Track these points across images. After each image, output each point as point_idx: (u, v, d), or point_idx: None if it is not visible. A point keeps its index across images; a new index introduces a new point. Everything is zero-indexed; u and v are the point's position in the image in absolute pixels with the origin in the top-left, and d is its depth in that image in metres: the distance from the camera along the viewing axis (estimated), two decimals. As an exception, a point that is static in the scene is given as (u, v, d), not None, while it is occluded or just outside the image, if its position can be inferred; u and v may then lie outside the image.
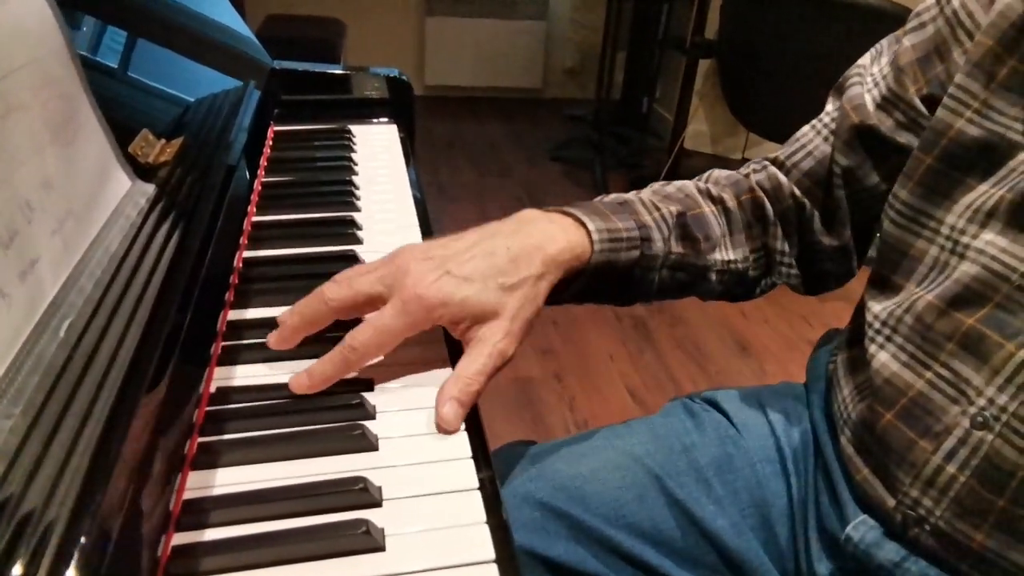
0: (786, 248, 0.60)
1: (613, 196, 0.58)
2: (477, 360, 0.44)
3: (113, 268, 0.33)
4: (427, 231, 0.67)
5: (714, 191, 0.60)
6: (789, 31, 1.95)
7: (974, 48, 0.48)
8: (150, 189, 0.41)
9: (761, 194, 0.60)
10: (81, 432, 0.25)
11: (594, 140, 2.83)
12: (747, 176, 0.62)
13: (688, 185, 0.61)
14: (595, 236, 0.50)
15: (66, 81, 0.35)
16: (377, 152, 0.84)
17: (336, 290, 0.46)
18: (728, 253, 0.58)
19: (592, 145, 2.82)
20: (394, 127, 0.91)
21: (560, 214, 0.52)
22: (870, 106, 0.55)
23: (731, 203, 0.59)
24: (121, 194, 0.38)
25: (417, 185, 0.77)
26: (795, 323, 1.91)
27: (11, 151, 0.29)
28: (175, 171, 0.45)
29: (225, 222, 0.53)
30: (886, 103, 0.55)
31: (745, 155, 2.99)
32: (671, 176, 2.57)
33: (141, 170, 0.43)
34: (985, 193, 0.46)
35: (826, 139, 0.58)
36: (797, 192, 0.60)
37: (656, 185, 0.61)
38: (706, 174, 0.63)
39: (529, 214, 0.51)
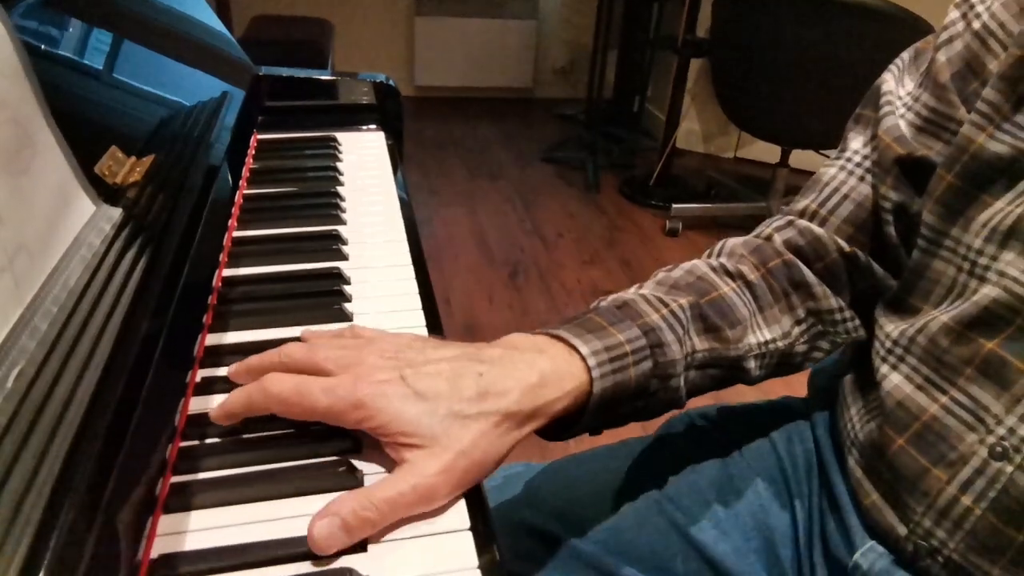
0: (842, 304, 0.54)
1: (611, 299, 0.49)
2: (395, 487, 0.36)
3: (71, 304, 0.31)
4: (415, 244, 0.65)
5: (730, 266, 0.53)
6: (782, 29, 1.94)
7: (1004, 59, 0.45)
8: (116, 214, 0.39)
9: (792, 257, 0.53)
10: (25, 496, 0.22)
11: (586, 140, 2.81)
12: (769, 239, 0.55)
13: (699, 266, 0.53)
14: (592, 362, 0.42)
15: (20, 103, 0.33)
16: (364, 161, 0.81)
17: (296, 350, 0.41)
18: (763, 333, 0.51)
19: (584, 145, 2.80)
20: (381, 134, 0.89)
21: (549, 338, 0.44)
22: (907, 132, 0.51)
23: (753, 275, 0.52)
24: (83, 221, 0.36)
25: (405, 194, 0.74)
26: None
27: (-48, 183, 0.26)
28: (144, 191, 0.42)
29: (202, 241, 0.50)
30: (930, 126, 0.50)
31: (738, 154, 2.98)
32: (664, 175, 2.56)
33: (109, 191, 0.41)
34: (1002, 211, 0.44)
35: (862, 178, 0.53)
36: (842, 243, 0.53)
37: (661, 274, 0.53)
38: (718, 245, 0.56)
39: (517, 340, 0.44)
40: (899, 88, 0.53)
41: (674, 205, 2.35)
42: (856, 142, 0.54)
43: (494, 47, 3.28)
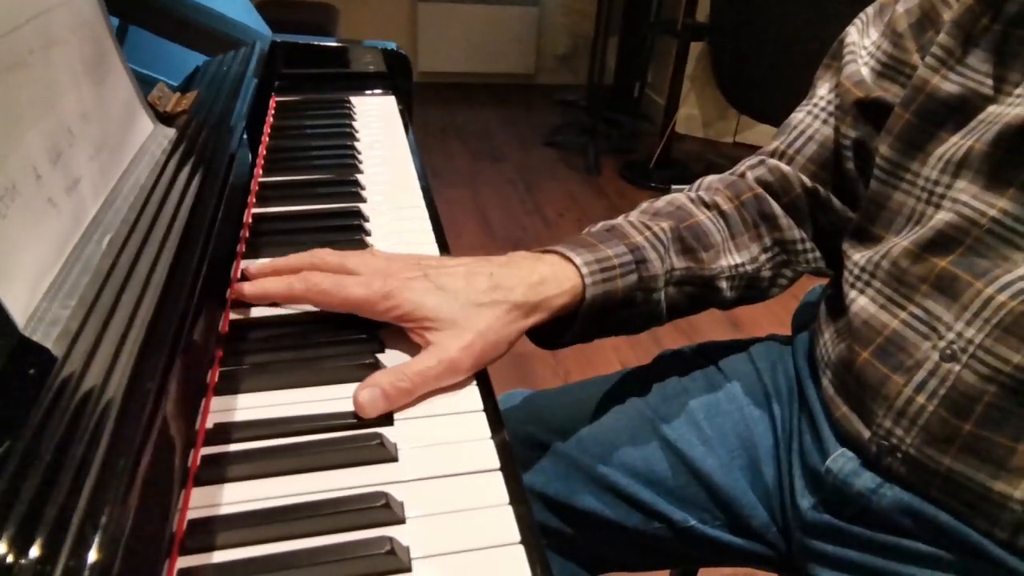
0: (804, 236, 0.60)
1: (601, 224, 0.57)
2: (424, 362, 0.42)
3: (144, 197, 0.36)
4: (427, 191, 0.70)
5: (706, 197, 0.59)
6: (780, 12, 1.98)
7: (957, 7, 0.50)
8: (171, 132, 0.44)
9: (762, 191, 0.59)
10: (132, 321, 0.27)
11: (586, 125, 2.85)
12: (743, 176, 0.61)
13: (678, 197, 0.60)
14: (584, 270, 0.49)
15: (95, 24, 0.37)
16: (377, 120, 0.86)
17: (327, 254, 0.47)
18: (734, 257, 0.57)
19: (584, 130, 2.84)
20: (392, 98, 0.94)
21: (547, 253, 0.51)
22: (869, 79, 0.56)
23: (727, 206, 0.59)
24: (146, 135, 0.41)
25: (416, 151, 0.79)
26: (785, 300, 1.94)
27: (55, 80, 0.31)
28: (192, 120, 0.47)
29: (236, 175, 0.55)
30: (888, 70, 0.55)
31: (736, 139, 3.02)
32: (663, 160, 2.60)
33: (160, 117, 0.46)
34: (955, 144, 0.48)
35: (825, 121, 0.59)
36: (805, 179, 0.59)
37: (644, 204, 0.60)
38: (696, 182, 0.62)
39: (520, 253, 0.51)
40: (863, 39, 0.58)
41: (673, 186, 2.40)
42: (822, 89, 0.60)
43: (496, 33, 3.32)
